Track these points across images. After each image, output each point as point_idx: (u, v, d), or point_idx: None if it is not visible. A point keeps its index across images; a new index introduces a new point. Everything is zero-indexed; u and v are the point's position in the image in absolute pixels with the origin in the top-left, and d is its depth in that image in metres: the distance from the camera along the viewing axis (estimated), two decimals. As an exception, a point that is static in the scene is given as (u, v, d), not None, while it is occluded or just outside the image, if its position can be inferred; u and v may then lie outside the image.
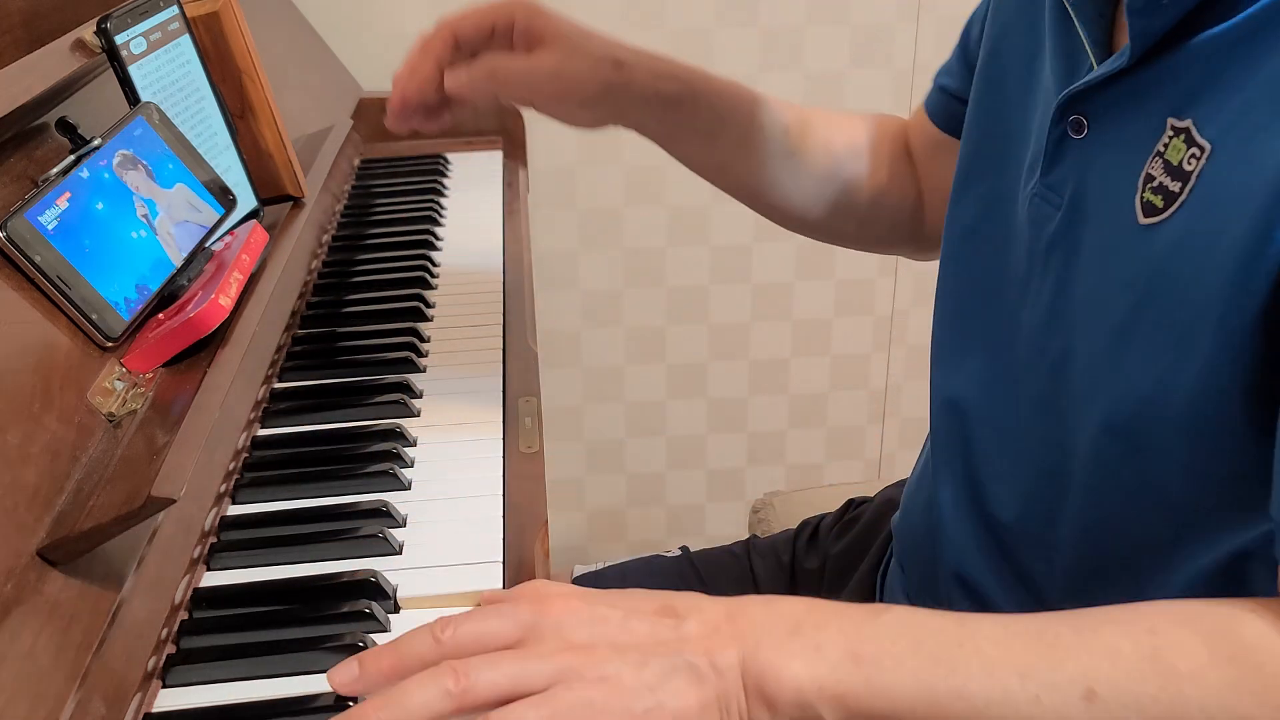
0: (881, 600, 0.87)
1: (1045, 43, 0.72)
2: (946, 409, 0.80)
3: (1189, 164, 0.59)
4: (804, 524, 1.05)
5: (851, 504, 1.03)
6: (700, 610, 0.56)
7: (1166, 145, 0.60)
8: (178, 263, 0.74)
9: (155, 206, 0.74)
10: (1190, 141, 0.59)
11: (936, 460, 0.82)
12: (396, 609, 0.66)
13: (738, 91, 0.91)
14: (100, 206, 0.69)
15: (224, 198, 0.81)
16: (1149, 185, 0.61)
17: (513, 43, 0.82)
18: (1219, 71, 0.59)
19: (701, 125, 0.89)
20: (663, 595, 0.58)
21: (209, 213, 0.79)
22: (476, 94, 0.80)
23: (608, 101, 0.84)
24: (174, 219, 0.75)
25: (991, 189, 0.77)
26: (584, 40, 0.82)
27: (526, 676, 0.52)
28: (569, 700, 0.52)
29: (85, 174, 0.69)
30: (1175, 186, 0.59)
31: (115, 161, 0.72)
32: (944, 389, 0.81)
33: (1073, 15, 0.67)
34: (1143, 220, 0.61)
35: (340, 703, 0.58)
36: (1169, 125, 0.61)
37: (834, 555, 0.98)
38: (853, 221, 0.96)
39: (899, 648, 0.55)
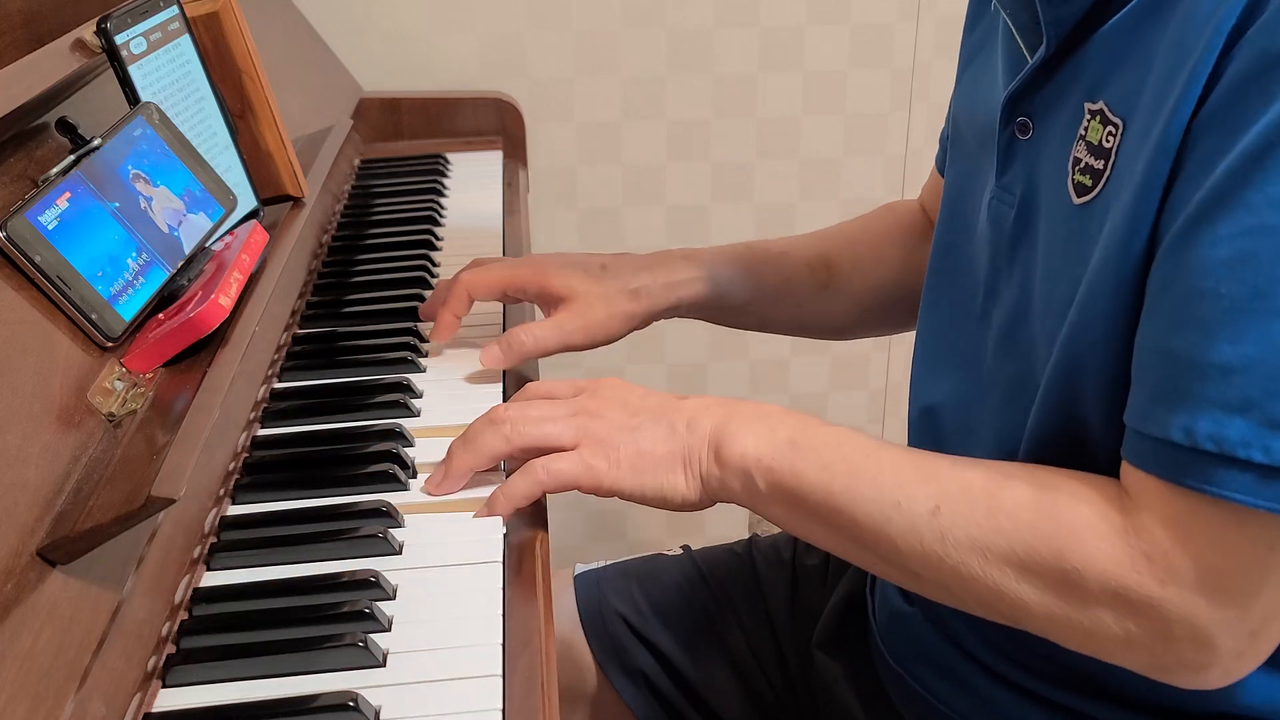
0: (875, 595, 0.88)
1: (998, 62, 0.77)
2: (922, 415, 0.83)
3: (1108, 141, 0.64)
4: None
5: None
6: (703, 397, 0.74)
7: (1086, 128, 0.65)
8: (178, 263, 0.74)
9: (155, 206, 0.74)
10: (1105, 120, 0.64)
11: None
12: (396, 609, 0.66)
13: (756, 257, 0.98)
14: (100, 206, 0.69)
15: (224, 198, 0.81)
16: (1077, 167, 0.66)
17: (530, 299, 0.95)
18: (1123, 53, 0.64)
19: (733, 304, 0.98)
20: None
21: (208, 212, 0.79)
22: (513, 365, 0.90)
23: (637, 324, 0.94)
24: (174, 219, 0.75)
25: (965, 205, 0.79)
26: (597, 285, 0.91)
27: (552, 416, 0.73)
28: (566, 423, 0.72)
29: (85, 174, 0.69)
30: (1099, 165, 0.64)
31: (115, 161, 0.72)
32: (921, 398, 0.83)
33: (1010, 25, 0.72)
34: (1076, 201, 0.66)
35: (337, 705, 0.58)
36: (1086, 109, 0.66)
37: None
38: (905, 313, 1.01)
39: (826, 447, 0.69)
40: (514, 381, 0.90)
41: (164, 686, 0.60)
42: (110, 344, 0.67)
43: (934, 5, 1.61)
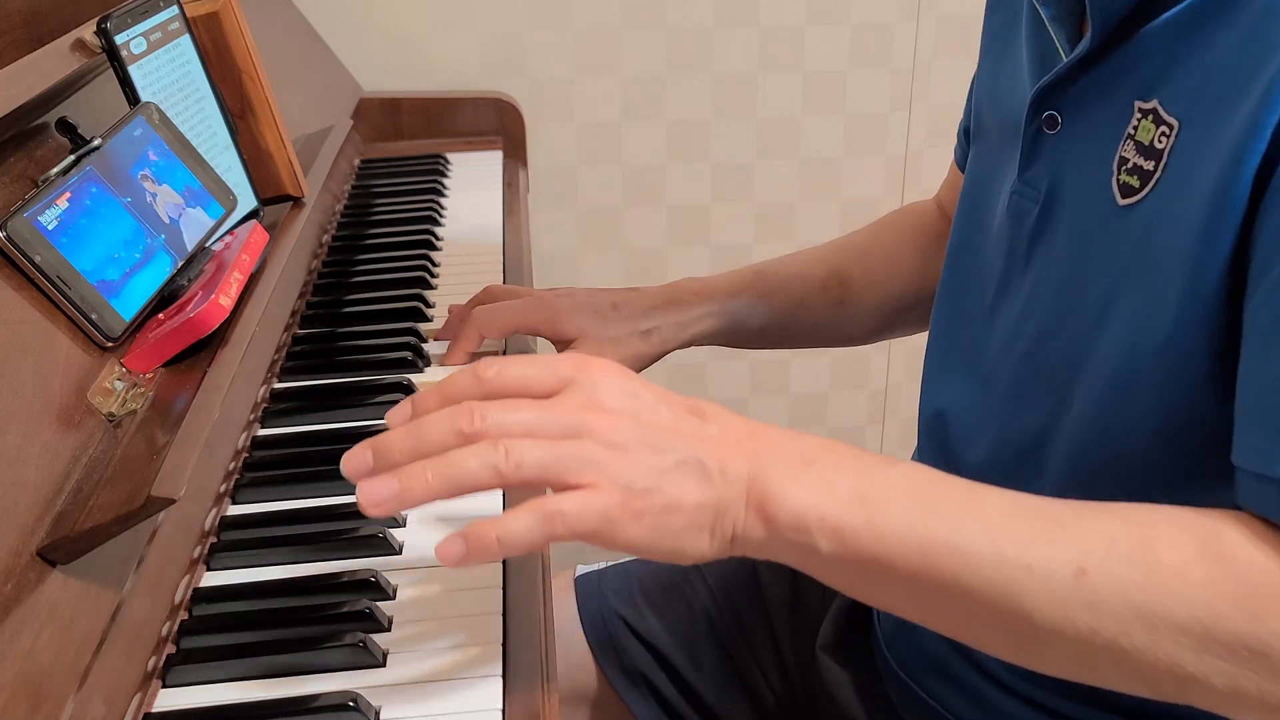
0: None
1: (1023, 52, 0.75)
2: (932, 421, 0.81)
3: (1160, 141, 0.61)
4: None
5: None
6: (725, 419, 0.58)
7: (1136, 127, 0.63)
8: (178, 262, 0.74)
9: (159, 203, 0.74)
10: (1159, 120, 0.62)
11: (921, 461, 0.83)
12: (397, 609, 0.66)
13: (767, 284, 0.96)
14: (100, 206, 0.69)
15: (224, 198, 0.81)
16: (1124, 167, 0.63)
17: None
18: (1179, 52, 0.61)
19: (748, 332, 0.96)
20: (692, 399, 0.59)
21: (209, 212, 0.79)
22: None
23: (648, 363, 0.92)
24: (174, 218, 0.75)
25: (983, 200, 0.78)
26: (605, 328, 0.90)
27: (542, 425, 0.54)
28: (576, 451, 0.54)
29: (85, 174, 0.69)
30: (1149, 165, 0.62)
31: (115, 161, 0.72)
32: (932, 402, 0.82)
33: (1043, 16, 0.70)
34: (1121, 202, 0.63)
35: (337, 705, 0.58)
36: (1136, 108, 0.63)
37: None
38: (922, 318, 1.00)
39: (905, 496, 0.56)
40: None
41: (164, 686, 0.60)
42: (110, 344, 0.67)
43: (934, 5, 1.61)
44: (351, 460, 0.55)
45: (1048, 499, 0.58)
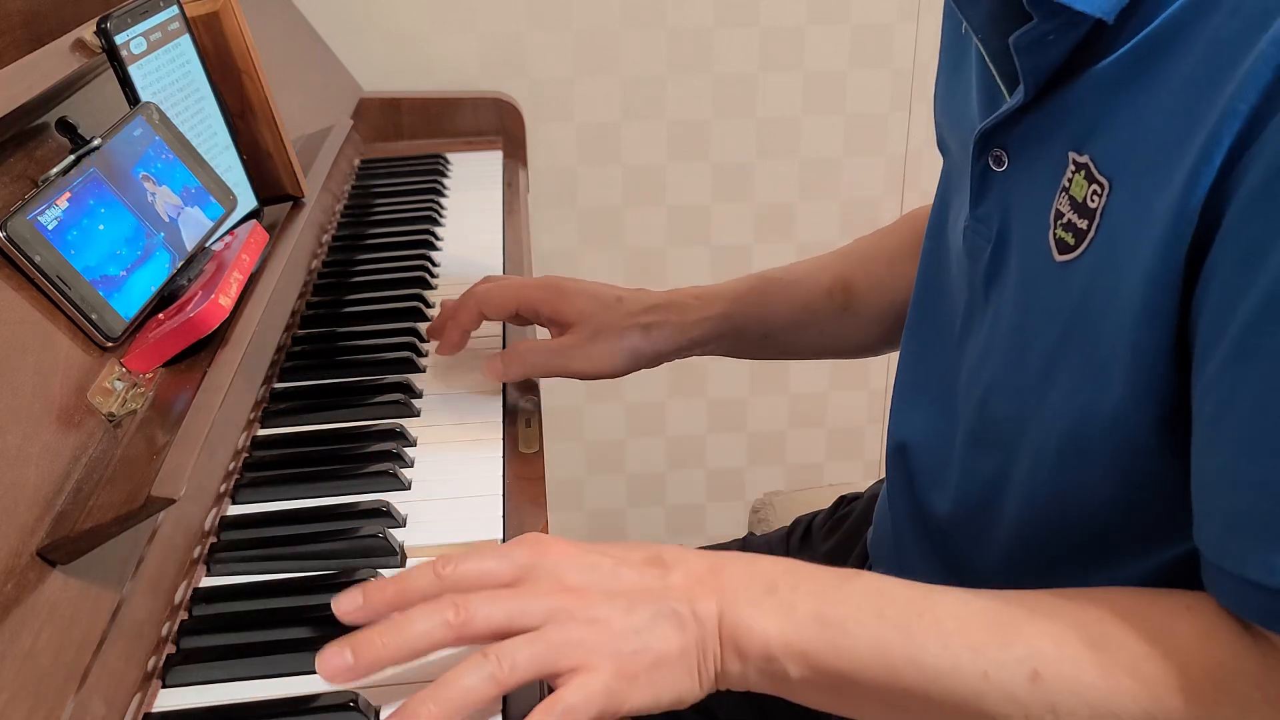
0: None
1: (972, 75, 0.73)
2: (897, 453, 0.81)
3: (1092, 201, 0.60)
4: (797, 521, 1.05)
5: (843, 500, 1.04)
6: (685, 562, 0.60)
7: (1070, 181, 0.61)
8: (178, 262, 0.74)
9: (159, 203, 0.74)
10: (1091, 178, 0.60)
11: (891, 492, 0.83)
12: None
13: (769, 289, 0.95)
14: (100, 206, 0.69)
15: (224, 198, 0.81)
16: (1059, 222, 0.62)
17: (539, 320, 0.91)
18: (1111, 104, 0.59)
19: (750, 339, 0.95)
20: (650, 546, 0.61)
21: (209, 212, 0.79)
22: (513, 380, 0.88)
23: (644, 363, 0.91)
24: (173, 218, 0.75)
25: (947, 222, 0.77)
26: (607, 315, 0.89)
27: (522, 614, 0.56)
28: (561, 637, 0.56)
29: (85, 174, 0.69)
30: (1083, 224, 0.60)
31: (115, 161, 0.72)
32: (897, 433, 0.81)
33: (983, 52, 0.67)
34: (1058, 258, 0.62)
35: (337, 705, 0.58)
36: (1071, 160, 0.61)
37: (824, 552, 0.99)
38: None
39: (863, 613, 0.58)
40: (516, 384, 0.90)
41: (164, 686, 0.60)
42: (110, 344, 0.67)
43: (934, 5, 1.61)
44: (329, 659, 0.55)
45: (1002, 596, 0.59)
